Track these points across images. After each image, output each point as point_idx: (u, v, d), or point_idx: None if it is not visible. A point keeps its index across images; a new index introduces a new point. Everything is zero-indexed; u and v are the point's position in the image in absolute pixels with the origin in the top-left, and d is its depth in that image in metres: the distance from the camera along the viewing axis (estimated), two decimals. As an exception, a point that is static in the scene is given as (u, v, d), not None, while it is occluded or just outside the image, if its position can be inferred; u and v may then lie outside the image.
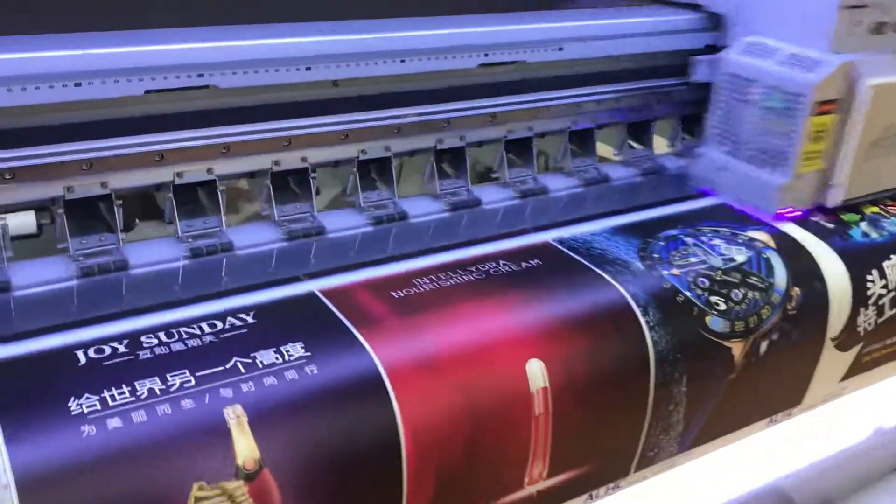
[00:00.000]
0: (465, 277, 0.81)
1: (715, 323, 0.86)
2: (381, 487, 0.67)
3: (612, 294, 0.82)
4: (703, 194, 1.08)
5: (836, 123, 1.00)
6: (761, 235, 0.97)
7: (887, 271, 1.01)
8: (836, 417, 1.11)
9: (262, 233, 0.88)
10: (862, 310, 0.99)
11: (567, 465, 0.79)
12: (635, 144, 1.20)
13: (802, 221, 1.02)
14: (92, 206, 0.80)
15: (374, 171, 0.95)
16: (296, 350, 0.68)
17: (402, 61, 0.93)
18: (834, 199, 1.03)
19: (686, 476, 0.95)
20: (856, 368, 1.04)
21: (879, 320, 1.01)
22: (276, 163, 0.88)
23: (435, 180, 0.99)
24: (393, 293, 0.77)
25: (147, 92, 0.80)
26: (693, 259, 0.90)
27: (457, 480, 0.71)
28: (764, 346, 0.90)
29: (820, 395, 1.03)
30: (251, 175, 0.88)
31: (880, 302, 1.01)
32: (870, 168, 1.05)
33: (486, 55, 1.00)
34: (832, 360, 0.99)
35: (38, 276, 0.76)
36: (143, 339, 0.68)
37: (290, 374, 0.65)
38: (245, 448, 0.61)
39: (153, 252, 0.82)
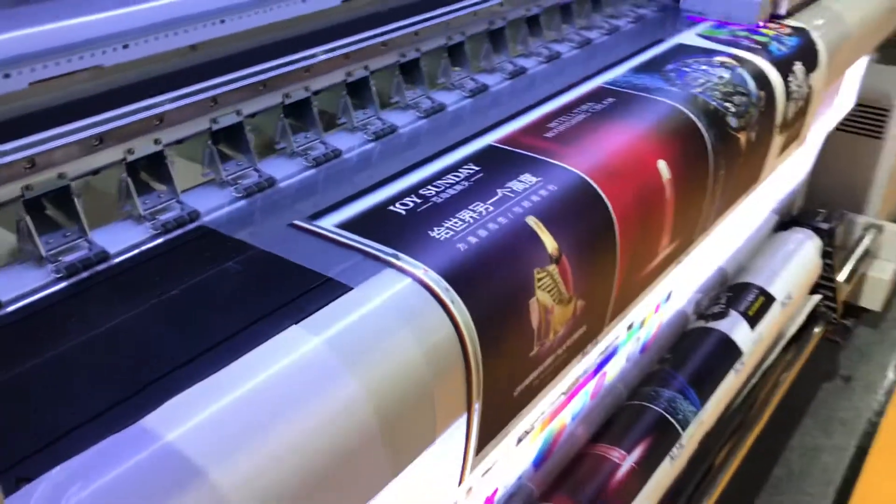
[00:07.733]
0: (578, 117, 1.07)
1: (732, 121, 1.19)
2: (605, 256, 0.94)
3: (679, 112, 1.12)
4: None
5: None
6: (725, 59, 1.31)
7: (797, 73, 1.40)
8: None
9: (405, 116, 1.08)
10: (787, 103, 1.37)
11: (674, 237, 1.10)
12: None
13: (735, 43, 1.38)
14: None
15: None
16: (529, 178, 0.91)
17: None
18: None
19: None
20: (783, 147, 1.44)
21: (793, 108, 1.41)
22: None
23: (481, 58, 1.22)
24: (545, 134, 1.02)
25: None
26: (701, 79, 1.22)
27: (636, 253, 1.00)
28: (753, 135, 1.25)
29: (767, 172, 1.42)
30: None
31: (794, 96, 1.40)
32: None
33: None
34: (776, 143, 1.38)
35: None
36: (421, 191, 0.88)
37: (542, 192, 0.89)
38: (549, 242, 0.85)
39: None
